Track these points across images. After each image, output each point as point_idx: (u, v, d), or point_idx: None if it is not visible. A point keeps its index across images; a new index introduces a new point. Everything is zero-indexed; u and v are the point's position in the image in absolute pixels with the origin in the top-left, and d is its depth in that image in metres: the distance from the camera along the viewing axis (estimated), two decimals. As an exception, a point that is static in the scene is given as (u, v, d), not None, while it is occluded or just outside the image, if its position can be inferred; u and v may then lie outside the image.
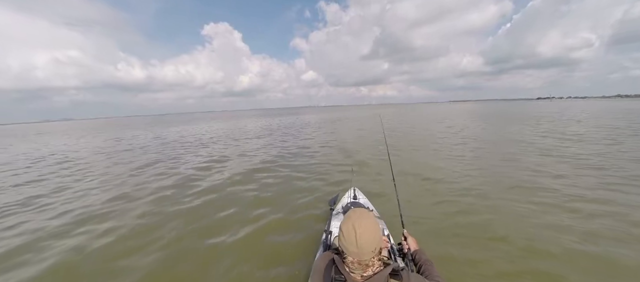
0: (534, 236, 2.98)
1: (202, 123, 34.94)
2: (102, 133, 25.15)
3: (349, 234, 0.98)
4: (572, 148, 7.74)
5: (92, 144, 15.23)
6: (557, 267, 2.46)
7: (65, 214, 4.30)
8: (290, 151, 9.27)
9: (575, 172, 5.28)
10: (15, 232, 3.68)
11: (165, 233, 3.48)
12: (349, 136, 13.17)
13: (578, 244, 2.80)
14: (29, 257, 3.05)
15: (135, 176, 6.62)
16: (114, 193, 5.27)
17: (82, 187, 5.81)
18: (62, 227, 3.81)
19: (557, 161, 6.30)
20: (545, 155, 6.97)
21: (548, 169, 5.60)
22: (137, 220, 3.94)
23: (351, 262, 1.01)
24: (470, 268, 2.48)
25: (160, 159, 8.94)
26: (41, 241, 3.41)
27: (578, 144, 8.39)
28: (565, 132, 11.26)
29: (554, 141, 9.17)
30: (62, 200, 5.00)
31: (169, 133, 19.80)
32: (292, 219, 3.77)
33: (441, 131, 13.39)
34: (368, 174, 5.85)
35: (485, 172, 5.59)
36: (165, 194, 5.08)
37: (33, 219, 4.16)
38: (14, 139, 23.02)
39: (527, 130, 12.16)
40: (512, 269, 2.45)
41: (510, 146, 8.43)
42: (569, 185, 4.56)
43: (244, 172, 6.52)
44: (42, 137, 24.20)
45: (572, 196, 4.06)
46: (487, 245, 2.85)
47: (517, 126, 14.22)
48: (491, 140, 9.99)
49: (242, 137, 14.82)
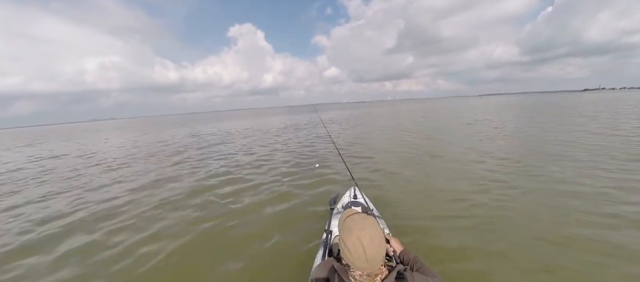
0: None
1: (242, 120, 36.40)
2: (169, 129, 27.55)
3: (356, 249, 0.90)
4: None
5: (181, 135, 17.42)
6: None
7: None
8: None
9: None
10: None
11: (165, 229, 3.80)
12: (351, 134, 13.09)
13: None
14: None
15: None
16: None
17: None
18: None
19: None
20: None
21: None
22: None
23: (360, 276, 0.95)
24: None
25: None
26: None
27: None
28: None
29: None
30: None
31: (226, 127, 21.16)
32: (292, 218, 3.80)
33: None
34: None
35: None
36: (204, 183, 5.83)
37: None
38: (101, 134, 26.92)
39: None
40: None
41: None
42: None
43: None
44: (116, 132, 27.91)
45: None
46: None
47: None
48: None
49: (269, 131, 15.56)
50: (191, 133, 19.94)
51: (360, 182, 4.79)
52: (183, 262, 2.94)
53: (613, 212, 3.42)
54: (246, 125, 24.99)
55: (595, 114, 16.03)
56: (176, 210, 4.44)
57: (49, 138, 28.12)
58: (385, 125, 17.00)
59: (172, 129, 27.75)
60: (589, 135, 8.89)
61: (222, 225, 3.75)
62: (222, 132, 18.99)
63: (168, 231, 3.67)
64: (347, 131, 14.88)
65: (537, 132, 10.13)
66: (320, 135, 13.02)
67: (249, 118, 42.16)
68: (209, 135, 17.00)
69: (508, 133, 10.48)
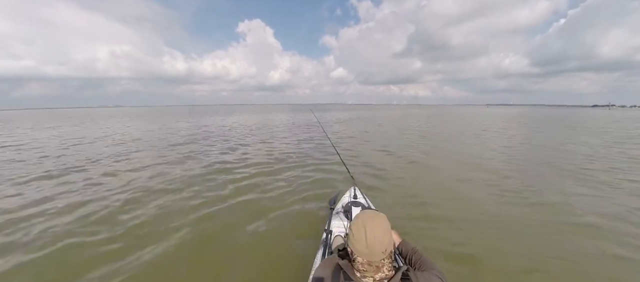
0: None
1: (250, 115, 36.58)
2: (184, 119, 27.95)
3: (359, 232, 0.97)
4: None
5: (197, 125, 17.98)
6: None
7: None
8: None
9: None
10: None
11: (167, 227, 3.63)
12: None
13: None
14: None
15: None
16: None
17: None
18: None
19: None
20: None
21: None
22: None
23: (361, 264, 0.98)
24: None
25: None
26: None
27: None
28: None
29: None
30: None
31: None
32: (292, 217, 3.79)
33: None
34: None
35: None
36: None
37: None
38: (117, 119, 27.30)
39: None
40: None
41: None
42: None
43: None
44: (135, 119, 28.12)
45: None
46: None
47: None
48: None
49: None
50: (197, 125, 20.40)
51: (360, 182, 4.78)
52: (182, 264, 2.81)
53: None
54: (253, 120, 25.21)
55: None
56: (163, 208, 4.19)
57: (73, 120, 28.77)
58: (388, 129, 17.04)
59: (182, 119, 28.26)
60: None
61: (220, 225, 3.64)
62: (229, 126, 19.08)
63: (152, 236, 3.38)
64: (349, 131, 15.13)
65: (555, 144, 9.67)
66: (320, 135, 13.00)
67: (254, 113, 42.52)
68: (215, 128, 17.26)
69: (515, 143, 10.44)
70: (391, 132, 14.89)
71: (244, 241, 3.19)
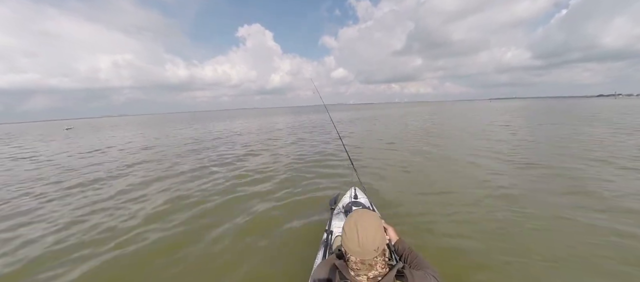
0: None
1: (251, 119, 36.57)
2: (194, 124, 28.30)
3: (351, 231, 0.98)
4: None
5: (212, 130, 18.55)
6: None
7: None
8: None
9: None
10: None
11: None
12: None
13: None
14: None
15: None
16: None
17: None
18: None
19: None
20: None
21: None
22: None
23: (355, 263, 0.99)
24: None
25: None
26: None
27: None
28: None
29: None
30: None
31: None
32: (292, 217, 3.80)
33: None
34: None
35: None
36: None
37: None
38: (127, 129, 27.80)
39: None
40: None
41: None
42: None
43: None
44: (141, 128, 28.48)
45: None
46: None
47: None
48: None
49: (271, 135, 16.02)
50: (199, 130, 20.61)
51: (366, 183, 4.76)
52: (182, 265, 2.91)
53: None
54: (254, 124, 25.32)
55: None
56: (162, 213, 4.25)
57: (84, 131, 29.15)
58: (387, 129, 16.95)
59: (185, 125, 28.62)
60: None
61: (220, 225, 3.68)
62: (230, 130, 19.35)
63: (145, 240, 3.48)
64: (351, 130, 15.19)
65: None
66: (321, 136, 13.01)
67: (256, 117, 42.55)
68: (215, 132, 17.53)
69: (523, 137, 10.20)
70: (394, 130, 14.84)
71: (244, 242, 3.22)
